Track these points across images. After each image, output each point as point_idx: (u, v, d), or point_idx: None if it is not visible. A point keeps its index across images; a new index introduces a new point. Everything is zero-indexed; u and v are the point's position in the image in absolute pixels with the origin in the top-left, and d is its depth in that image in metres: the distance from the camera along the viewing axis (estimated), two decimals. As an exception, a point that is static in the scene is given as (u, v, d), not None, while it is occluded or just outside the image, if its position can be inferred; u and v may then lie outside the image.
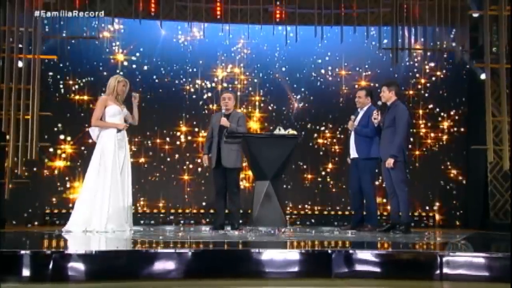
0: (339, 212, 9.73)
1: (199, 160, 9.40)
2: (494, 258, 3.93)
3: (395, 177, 6.86)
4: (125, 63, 9.64)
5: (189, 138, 9.75)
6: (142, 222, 9.20)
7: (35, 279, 3.84)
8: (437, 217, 9.81)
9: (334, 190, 9.83)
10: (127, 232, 6.44)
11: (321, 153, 9.88)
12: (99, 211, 6.43)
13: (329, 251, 4.20)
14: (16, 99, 7.77)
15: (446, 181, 9.88)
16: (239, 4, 9.18)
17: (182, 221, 9.42)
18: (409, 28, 9.31)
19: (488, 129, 8.50)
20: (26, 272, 3.83)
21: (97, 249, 4.31)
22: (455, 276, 3.87)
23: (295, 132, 7.34)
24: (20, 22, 7.88)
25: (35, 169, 9.04)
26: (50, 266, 3.79)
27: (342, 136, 9.76)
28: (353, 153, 7.49)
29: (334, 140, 9.89)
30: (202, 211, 9.57)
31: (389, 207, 7.77)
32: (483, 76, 8.77)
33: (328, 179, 9.85)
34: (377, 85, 9.13)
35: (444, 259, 3.87)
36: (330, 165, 9.84)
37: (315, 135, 9.91)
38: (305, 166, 9.84)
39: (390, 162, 6.80)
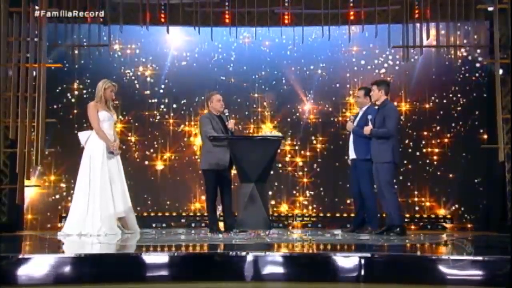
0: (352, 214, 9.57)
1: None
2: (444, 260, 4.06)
3: (382, 178, 6.72)
4: (131, 70, 9.80)
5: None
6: (154, 225, 9.34)
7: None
8: (454, 219, 9.49)
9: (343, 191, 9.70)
10: (118, 235, 6.59)
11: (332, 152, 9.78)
12: (92, 215, 6.61)
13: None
14: (24, 107, 8.02)
15: (465, 182, 9.52)
16: (247, 7, 9.18)
17: (193, 224, 9.50)
18: (421, 25, 9.08)
19: (499, 128, 8.19)
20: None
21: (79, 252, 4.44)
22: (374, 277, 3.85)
23: (279, 134, 7.30)
24: (26, 32, 8.12)
25: (46, 173, 9.33)
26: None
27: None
28: (352, 154, 7.40)
29: (344, 140, 9.70)
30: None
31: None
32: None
33: (340, 180, 9.71)
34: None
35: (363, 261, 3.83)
36: (342, 165, 9.69)
37: (326, 135, 9.81)
38: (314, 167, 9.78)
39: (367, 129, 6.81)
